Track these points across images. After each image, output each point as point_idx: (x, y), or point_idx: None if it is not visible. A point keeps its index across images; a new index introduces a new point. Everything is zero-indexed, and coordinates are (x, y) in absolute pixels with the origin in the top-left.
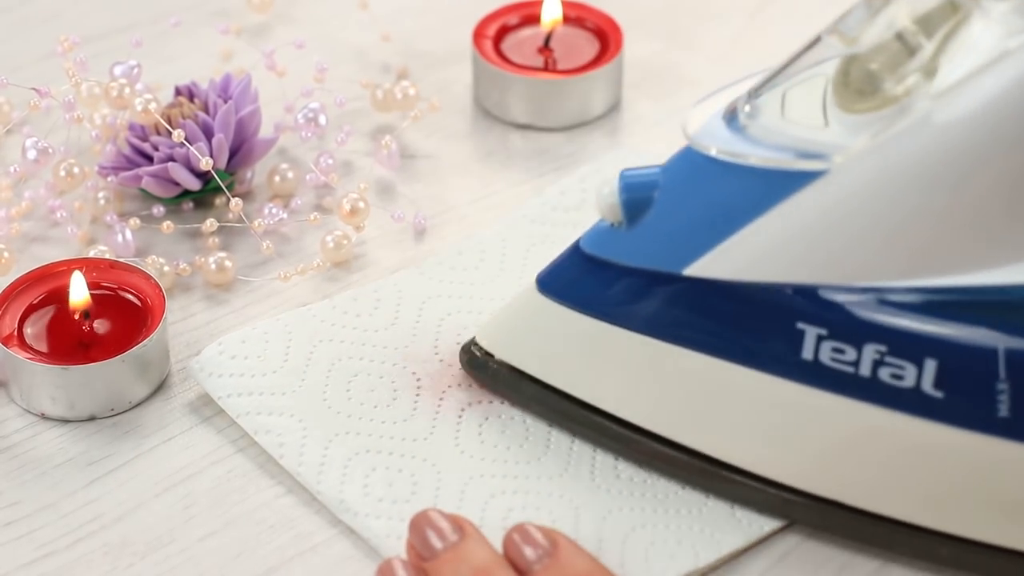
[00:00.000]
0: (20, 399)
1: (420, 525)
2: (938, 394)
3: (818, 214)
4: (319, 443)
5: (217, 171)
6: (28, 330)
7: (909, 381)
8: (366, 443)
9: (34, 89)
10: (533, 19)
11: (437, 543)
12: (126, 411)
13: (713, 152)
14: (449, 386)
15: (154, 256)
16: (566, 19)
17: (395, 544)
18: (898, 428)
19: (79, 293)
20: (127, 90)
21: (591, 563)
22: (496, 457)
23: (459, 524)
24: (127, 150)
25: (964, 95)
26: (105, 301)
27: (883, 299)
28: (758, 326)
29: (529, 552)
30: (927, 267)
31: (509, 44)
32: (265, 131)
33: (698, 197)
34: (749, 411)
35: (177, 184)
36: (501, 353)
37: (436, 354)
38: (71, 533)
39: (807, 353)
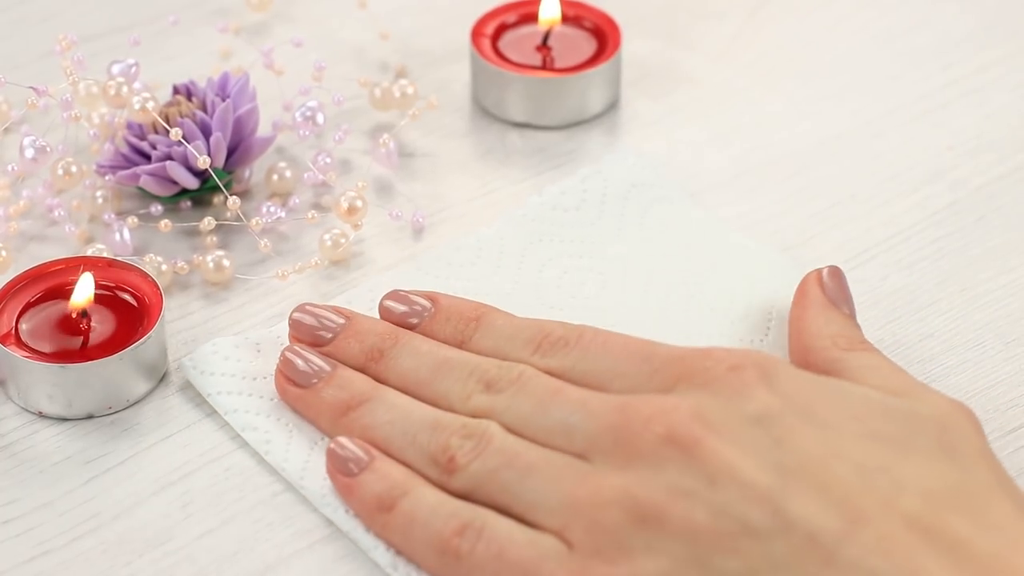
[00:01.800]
0: (17, 397)
1: (299, 320)
2: None
3: None
4: (304, 445)
5: (215, 170)
6: (25, 328)
7: None
8: None
9: (32, 88)
10: (531, 17)
11: (326, 332)
12: (124, 409)
13: None
14: None
15: (152, 254)
16: (564, 17)
17: (375, 539)
18: None
19: (84, 294)
20: (125, 89)
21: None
22: None
23: (340, 311)
24: (125, 149)
25: None
26: (103, 299)
27: None
28: None
29: (406, 308)
30: None
31: (507, 42)
32: (263, 130)
33: None
34: None
35: (175, 183)
36: None
37: None
38: (69, 531)
39: None
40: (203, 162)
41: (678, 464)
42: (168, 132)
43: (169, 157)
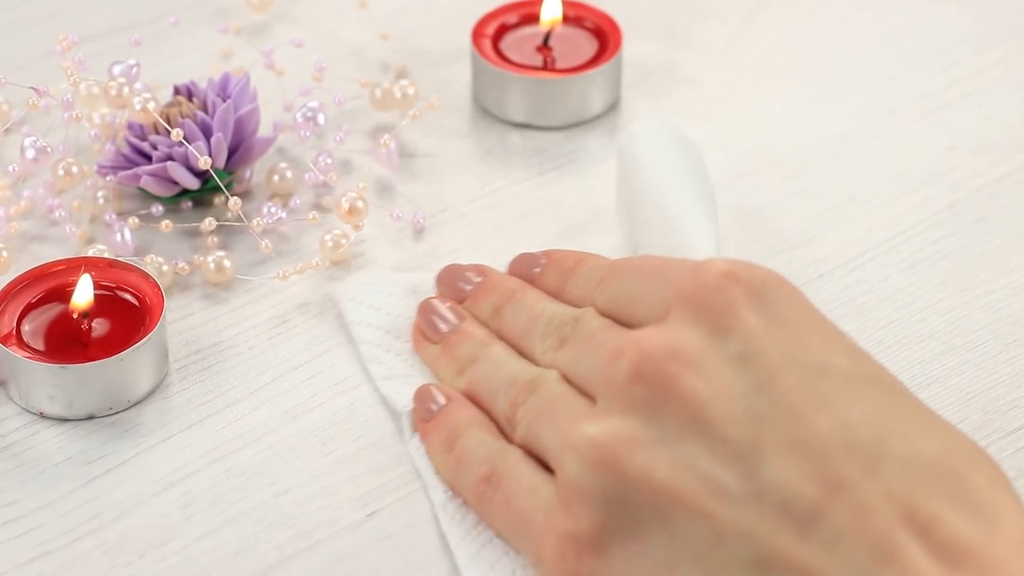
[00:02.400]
0: (18, 398)
1: (443, 278)
2: None
3: None
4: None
5: (216, 170)
6: (26, 329)
7: None
8: None
9: (33, 88)
10: (532, 18)
11: (466, 286)
12: (125, 410)
13: None
14: None
15: (153, 255)
16: (565, 18)
17: (438, 480)
18: None
19: (84, 295)
20: (126, 89)
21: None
22: None
23: (480, 269)
24: (126, 149)
25: None
26: (104, 300)
27: None
28: None
29: (529, 267)
30: None
31: (508, 43)
32: (264, 130)
33: None
34: None
35: (176, 183)
36: None
37: None
38: (69, 532)
39: None
40: (204, 163)
41: (646, 406)
42: (169, 132)
43: (170, 157)
